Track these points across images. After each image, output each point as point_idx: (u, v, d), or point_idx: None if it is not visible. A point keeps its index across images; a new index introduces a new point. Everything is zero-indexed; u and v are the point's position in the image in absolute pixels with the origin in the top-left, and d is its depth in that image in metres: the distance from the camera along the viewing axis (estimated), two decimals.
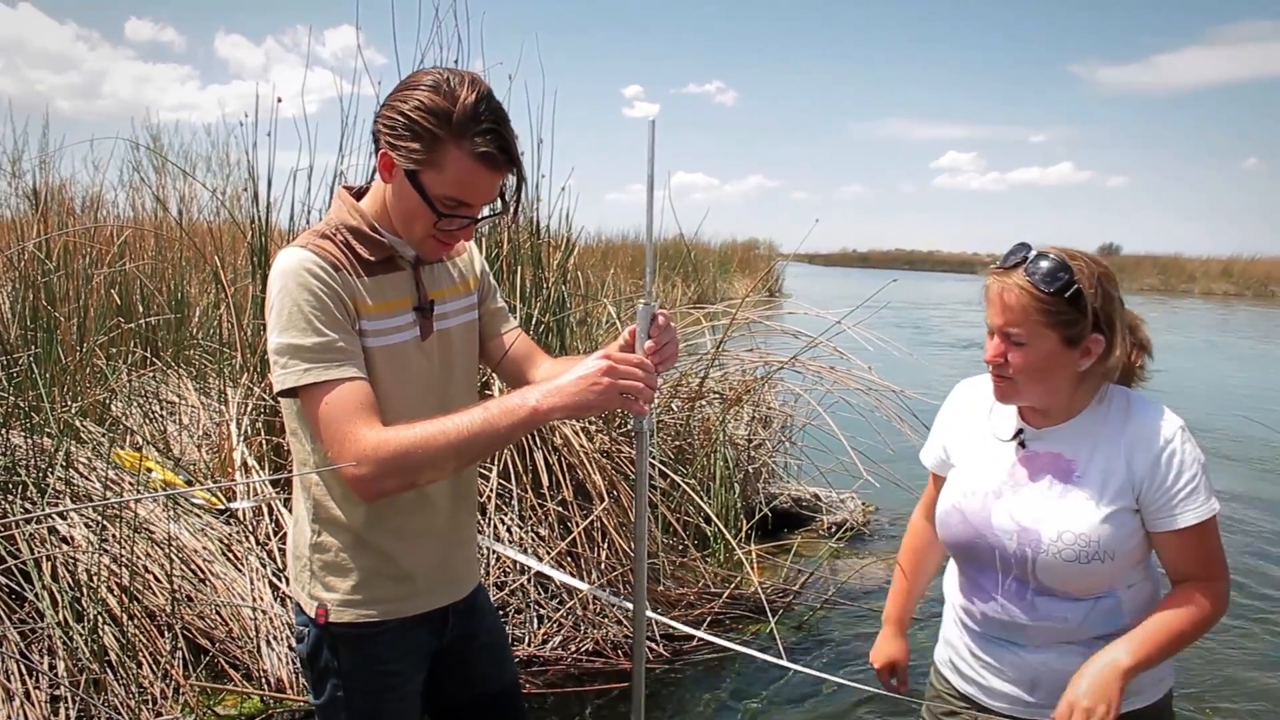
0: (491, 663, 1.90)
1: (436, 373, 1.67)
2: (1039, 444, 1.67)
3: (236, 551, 3.41)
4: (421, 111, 1.44)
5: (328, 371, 1.47)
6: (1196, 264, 41.98)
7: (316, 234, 1.57)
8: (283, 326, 1.48)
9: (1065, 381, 1.61)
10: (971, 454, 1.77)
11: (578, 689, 3.31)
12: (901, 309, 13.34)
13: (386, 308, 1.59)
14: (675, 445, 4.63)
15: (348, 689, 1.67)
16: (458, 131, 1.44)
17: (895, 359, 4.84)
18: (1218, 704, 3.51)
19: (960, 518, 1.71)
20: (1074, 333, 1.55)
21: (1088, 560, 1.56)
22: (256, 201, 4.04)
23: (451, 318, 1.71)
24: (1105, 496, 1.58)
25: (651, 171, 1.49)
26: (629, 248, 13.27)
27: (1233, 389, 11.70)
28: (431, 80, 1.46)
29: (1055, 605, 1.63)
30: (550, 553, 3.64)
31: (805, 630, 3.98)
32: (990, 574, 1.70)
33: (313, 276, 1.48)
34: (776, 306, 8.30)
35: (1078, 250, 1.60)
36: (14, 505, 3.11)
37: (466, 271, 1.79)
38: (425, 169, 1.47)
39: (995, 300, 1.59)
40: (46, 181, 5.65)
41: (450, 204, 1.50)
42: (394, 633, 1.68)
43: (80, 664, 2.78)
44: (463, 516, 1.79)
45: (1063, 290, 1.52)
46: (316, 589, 1.66)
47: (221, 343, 4.62)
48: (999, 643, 1.71)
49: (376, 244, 1.58)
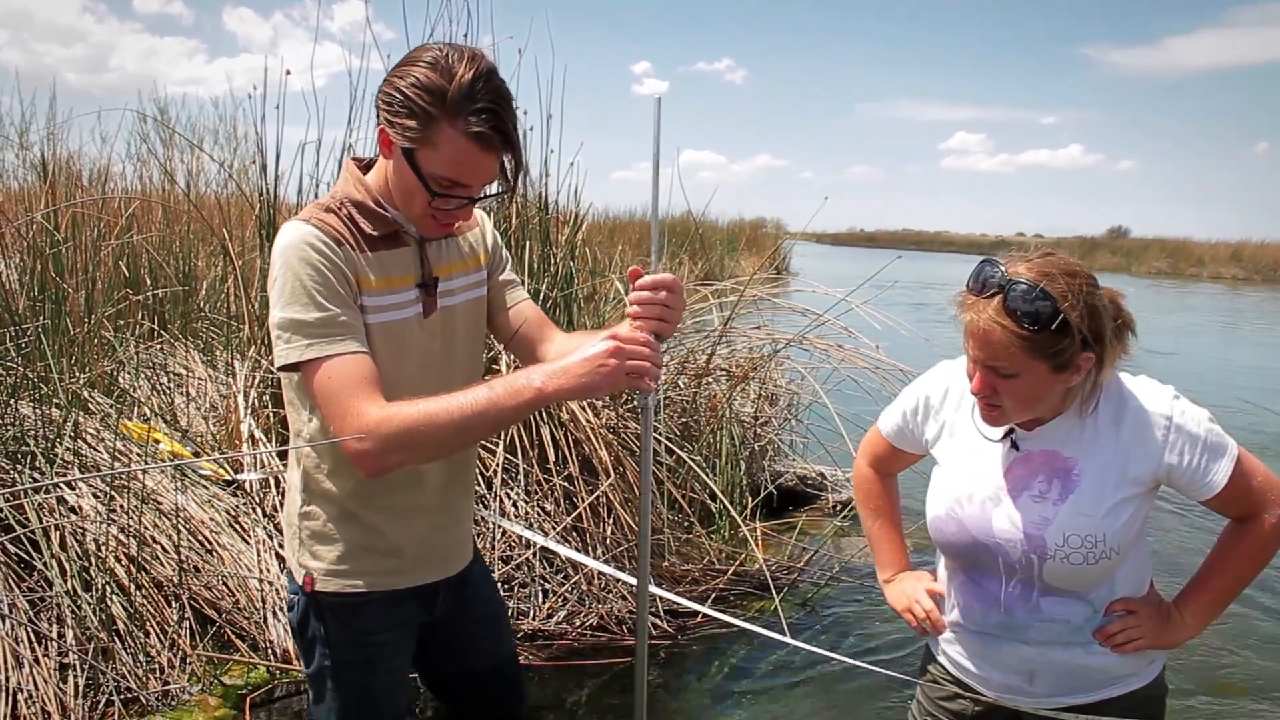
0: (487, 636, 1.89)
1: (438, 351, 1.66)
2: (1032, 443, 1.61)
3: (243, 523, 3.43)
4: (417, 89, 1.42)
5: (329, 346, 1.47)
6: (1205, 248, 41.74)
7: (321, 207, 1.57)
8: (285, 301, 1.48)
9: (1057, 398, 1.55)
10: (959, 453, 1.71)
11: (581, 662, 3.33)
12: (910, 289, 13.30)
13: (388, 284, 1.58)
14: (681, 422, 4.63)
15: (335, 659, 1.68)
16: (452, 110, 1.42)
17: (903, 338, 4.82)
18: (1212, 678, 3.53)
19: (958, 525, 1.66)
20: (1063, 360, 1.46)
21: (1095, 561, 1.54)
22: (264, 175, 4.03)
23: (458, 294, 1.70)
24: (1107, 490, 1.54)
25: (657, 150, 1.48)
26: (636, 225, 13.22)
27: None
28: (431, 57, 1.44)
29: (1060, 605, 1.61)
30: (556, 528, 3.65)
31: (808, 608, 3.99)
32: (993, 578, 1.66)
33: (315, 251, 1.48)
34: (784, 285, 8.27)
35: (1052, 260, 1.48)
36: (23, 475, 3.13)
37: (477, 246, 1.76)
38: (420, 147, 1.46)
39: (976, 334, 1.49)
40: (54, 153, 5.64)
41: (445, 184, 1.48)
42: (380, 604, 1.68)
43: (88, 633, 2.80)
44: (455, 497, 1.78)
45: (1047, 324, 1.42)
46: (304, 557, 1.67)
47: (229, 315, 4.62)
48: (999, 638, 1.68)
49: (380, 219, 1.57)
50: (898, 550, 1.95)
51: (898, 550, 1.95)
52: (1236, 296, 28.24)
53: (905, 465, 1.93)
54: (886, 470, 1.95)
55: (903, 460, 1.91)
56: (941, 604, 1.79)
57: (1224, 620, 3.93)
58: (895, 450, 1.88)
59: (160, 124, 7.28)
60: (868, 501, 1.97)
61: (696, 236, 10.18)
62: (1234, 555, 1.61)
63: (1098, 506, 1.54)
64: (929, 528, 1.73)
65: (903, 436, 1.84)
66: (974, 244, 64.77)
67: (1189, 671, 3.53)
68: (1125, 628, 1.60)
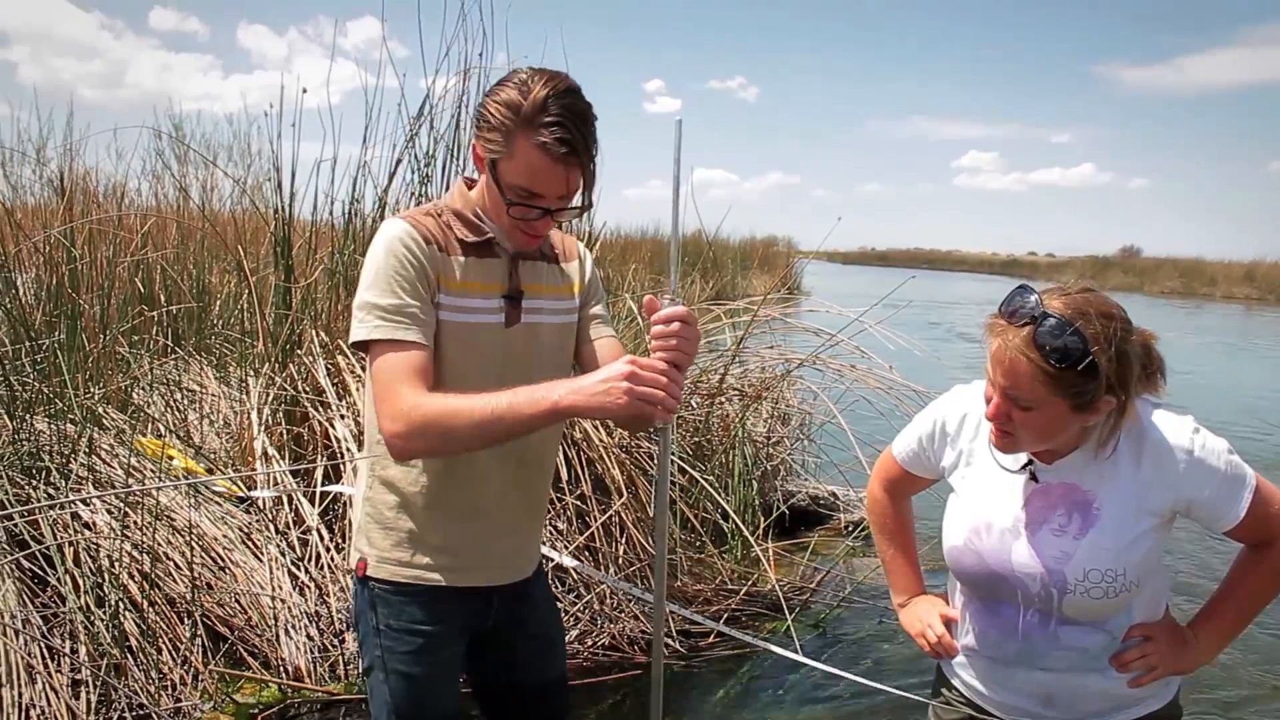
0: (539, 654, 1.92)
1: (517, 361, 1.70)
2: (1051, 475, 1.60)
3: (256, 540, 3.43)
4: (499, 104, 1.55)
5: (395, 331, 1.57)
6: (1218, 267, 41.58)
7: (421, 211, 1.70)
8: (368, 285, 1.60)
9: (1073, 434, 1.54)
10: (976, 483, 1.69)
11: (594, 680, 3.31)
12: (923, 308, 13.29)
13: (471, 287, 1.67)
14: (694, 441, 4.62)
15: (385, 647, 1.73)
16: (524, 122, 1.53)
17: (917, 358, 4.81)
18: (1226, 700, 3.49)
19: (976, 557, 1.64)
20: (1084, 400, 1.45)
21: (1115, 594, 1.53)
22: (279, 192, 4.06)
23: (545, 314, 1.76)
24: (1127, 524, 1.53)
25: (678, 173, 1.49)
26: (648, 243, 13.27)
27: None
28: (518, 79, 1.56)
29: (1079, 633, 1.60)
30: (569, 547, 3.64)
31: (821, 628, 3.97)
32: (1011, 606, 1.64)
33: (403, 245, 1.60)
34: (796, 304, 8.27)
35: (1089, 299, 1.46)
36: (38, 490, 3.14)
37: (573, 275, 1.84)
38: (502, 159, 1.57)
39: (1001, 360, 1.47)
40: (71, 169, 5.69)
41: (522, 193, 1.58)
42: (428, 597, 1.73)
43: (101, 649, 2.81)
44: (514, 506, 1.80)
45: (1075, 364, 1.40)
46: (361, 542, 1.75)
47: (243, 332, 4.64)
48: (1014, 664, 1.67)
49: (475, 227, 1.68)
50: (911, 574, 1.93)
51: (911, 574, 1.93)
52: (1249, 316, 28.11)
53: (919, 489, 1.92)
54: (900, 494, 1.94)
55: (916, 484, 1.90)
56: (954, 629, 1.78)
57: (1239, 641, 3.91)
58: (909, 474, 1.87)
59: (175, 140, 7.35)
60: (881, 525, 1.96)
61: (709, 255, 10.20)
62: (1250, 580, 1.60)
63: (1118, 540, 1.52)
64: (946, 557, 1.72)
65: (917, 461, 1.82)
66: (986, 263, 64.80)
67: (1202, 691, 3.50)
68: (1143, 654, 1.59)
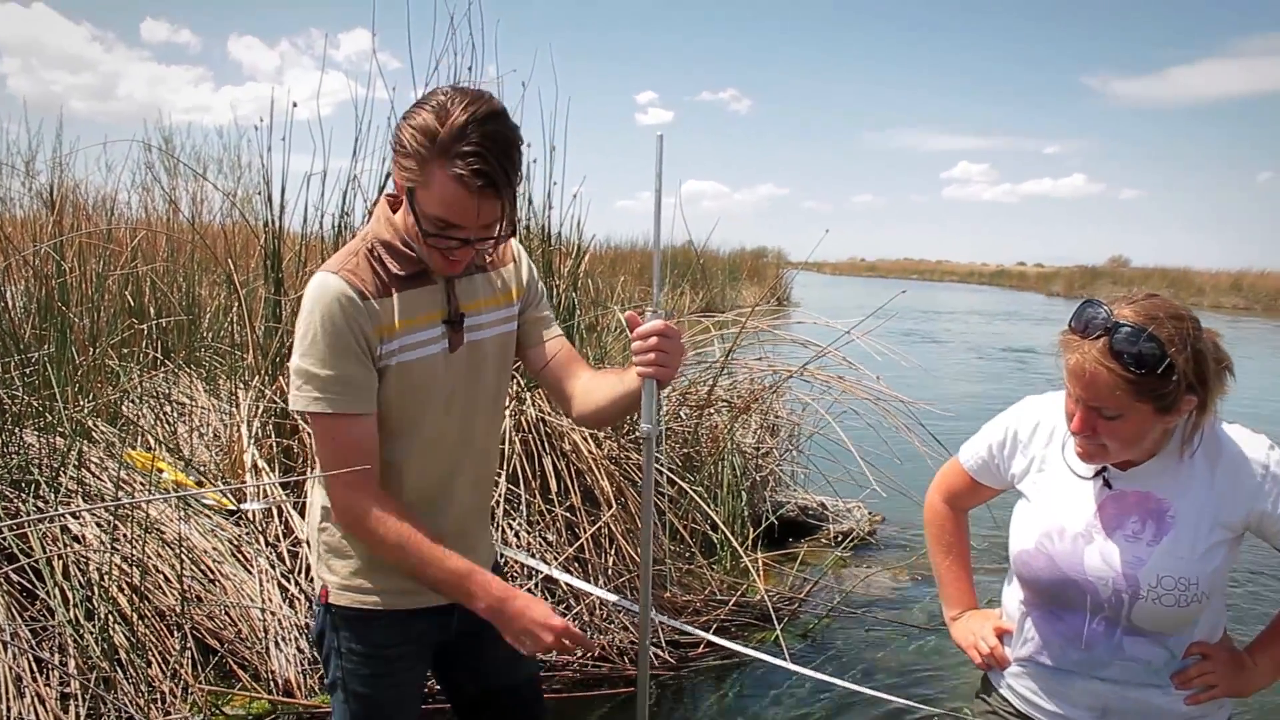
0: (505, 659, 1.90)
1: (462, 385, 1.70)
2: (1125, 482, 1.60)
3: (246, 553, 3.43)
4: (415, 130, 1.46)
5: (334, 404, 1.56)
6: (1206, 277, 41.64)
7: (352, 253, 1.62)
8: (303, 351, 1.56)
9: (1157, 438, 1.55)
10: (1048, 489, 1.68)
11: (584, 694, 3.32)
12: (911, 319, 13.31)
13: (415, 323, 1.63)
14: (683, 452, 4.63)
15: (346, 669, 1.73)
16: (440, 152, 1.45)
17: (904, 369, 4.83)
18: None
19: (1047, 561, 1.63)
20: (1167, 402, 1.46)
21: (1186, 604, 1.52)
22: (270, 205, 4.06)
23: (486, 329, 1.73)
24: (1201, 534, 1.53)
25: (659, 186, 1.50)
26: (638, 255, 13.27)
27: None
28: (436, 101, 1.47)
29: (1142, 645, 1.59)
30: (558, 558, 3.65)
31: (810, 638, 3.99)
32: (1077, 614, 1.63)
33: (339, 307, 1.55)
34: (785, 315, 8.30)
35: (1157, 303, 1.49)
36: (27, 504, 3.14)
37: (510, 281, 1.80)
38: (418, 188, 1.50)
39: (1079, 374, 1.48)
40: (60, 182, 5.68)
41: (439, 224, 1.51)
42: (391, 620, 1.73)
43: (90, 662, 2.80)
44: (471, 525, 1.81)
45: (1154, 367, 1.43)
46: (322, 569, 1.75)
47: (233, 345, 4.64)
48: (1074, 674, 1.65)
49: (407, 259, 1.62)
50: (966, 588, 1.93)
51: (966, 588, 1.93)
52: (1236, 326, 28.19)
53: (981, 501, 1.90)
54: (961, 505, 1.93)
55: (979, 495, 1.88)
56: (1007, 640, 1.78)
57: None
58: (975, 484, 1.85)
59: (165, 153, 7.35)
60: (940, 537, 1.94)
61: (698, 267, 10.21)
62: None
63: (1192, 549, 1.53)
64: (1013, 561, 1.70)
65: (986, 470, 1.81)
66: (974, 273, 64.94)
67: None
68: (1202, 673, 1.58)
